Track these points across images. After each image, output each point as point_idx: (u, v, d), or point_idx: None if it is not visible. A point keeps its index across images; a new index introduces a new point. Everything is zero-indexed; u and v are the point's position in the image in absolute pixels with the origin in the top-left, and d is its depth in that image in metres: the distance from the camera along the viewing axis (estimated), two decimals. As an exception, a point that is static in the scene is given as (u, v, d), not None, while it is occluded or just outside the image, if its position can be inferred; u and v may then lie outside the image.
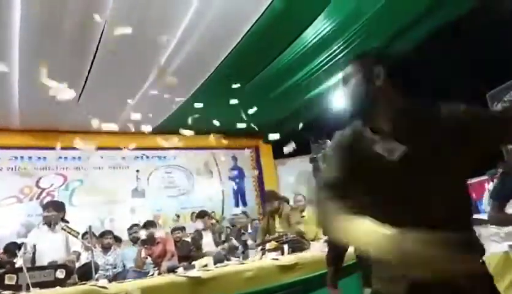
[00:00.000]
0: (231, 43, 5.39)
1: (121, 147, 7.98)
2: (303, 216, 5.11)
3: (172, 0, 4.44)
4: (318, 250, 3.78)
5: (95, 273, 3.49)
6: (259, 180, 9.43)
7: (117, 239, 5.84)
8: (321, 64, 5.93)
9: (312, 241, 4.34)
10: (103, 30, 4.54)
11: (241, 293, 3.10)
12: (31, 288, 2.80)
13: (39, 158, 7.42)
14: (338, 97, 6.50)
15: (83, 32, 4.50)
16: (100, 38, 4.67)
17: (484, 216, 3.25)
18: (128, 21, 4.38)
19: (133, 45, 4.69)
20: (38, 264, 3.78)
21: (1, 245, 5.50)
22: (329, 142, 6.46)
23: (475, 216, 2.17)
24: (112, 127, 4.58)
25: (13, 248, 4.77)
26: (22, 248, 3.61)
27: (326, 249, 2.30)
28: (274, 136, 5.57)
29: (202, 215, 5.68)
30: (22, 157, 7.28)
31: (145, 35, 4.60)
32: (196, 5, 4.49)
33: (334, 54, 5.70)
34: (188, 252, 4.74)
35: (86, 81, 5.63)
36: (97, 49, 4.90)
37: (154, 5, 4.41)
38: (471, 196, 1.94)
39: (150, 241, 4.66)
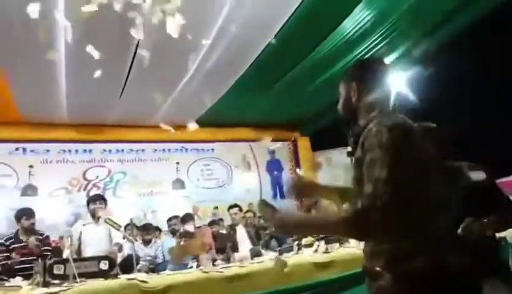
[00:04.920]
0: (268, 36, 5.36)
1: (162, 140, 8.25)
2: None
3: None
4: (355, 246, 3.73)
5: (136, 265, 3.62)
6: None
7: (158, 229, 6.04)
8: (359, 56, 5.77)
9: (349, 237, 4.27)
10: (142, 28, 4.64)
11: (277, 289, 3.13)
12: (77, 279, 2.96)
13: (85, 151, 7.77)
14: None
15: (124, 30, 4.62)
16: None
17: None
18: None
19: (172, 41, 4.76)
20: (83, 254, 4.00)
21: (53, 233, 5.77)
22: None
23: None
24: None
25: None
26: (69, 240, 3.81)
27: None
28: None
29: (232, 207, 5.64)
30: (69, 151, 7.65)
31: (181, 32, 4.66)
32: None
33: (372, 46, 5.54)
34: (225, 245, 4.80)
35: (127, 77, 5.80)
36: (137, 46, 5.03)
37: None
38: None
39: (189, 234, 4.77)
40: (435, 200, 1.27)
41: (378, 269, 1.28)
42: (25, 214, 4.30)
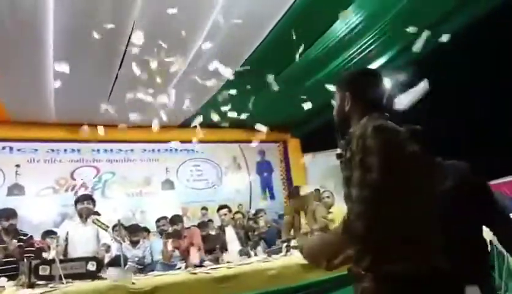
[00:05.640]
0: (258, 37, 5.36)
1: (151, 141, 8.18)
2: (330, 212, 5.05)
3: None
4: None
5: (124, 266, 3.58)
6: (287, 175, 9.40)
7: (146, 230, 5.98)
8: (350, 58, 5.80)
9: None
10: (132, 28, 4.61)
11: (266, 290, 3.12)
12: (63, 279, 2.92)
13: (73, 150, 7.68)
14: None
15: (113, 30, 4.59)
16: (130, 36, 4.74)
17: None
18: (156, 19, 4.45)
19: (161, 43, 4.75)
20: (70, 254, 3.95)
21: (38, 233, 5.68)
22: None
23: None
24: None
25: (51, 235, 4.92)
26: (55, 241, 3.75)
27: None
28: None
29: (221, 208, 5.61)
30: (58, 150, 7.56)
31: (173, 32, 4.64)
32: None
33: (363, 48, 5.57)
34: (214, 246, 4.79)
35: (116, 77, 5.76)
36: (126, 46, 4.99)
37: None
38: None
39: (177, 235, 4.75)
40: (420, 202, 1.28)
41: (362, 270, 1.29)
42: (4, 214, 4.22)
